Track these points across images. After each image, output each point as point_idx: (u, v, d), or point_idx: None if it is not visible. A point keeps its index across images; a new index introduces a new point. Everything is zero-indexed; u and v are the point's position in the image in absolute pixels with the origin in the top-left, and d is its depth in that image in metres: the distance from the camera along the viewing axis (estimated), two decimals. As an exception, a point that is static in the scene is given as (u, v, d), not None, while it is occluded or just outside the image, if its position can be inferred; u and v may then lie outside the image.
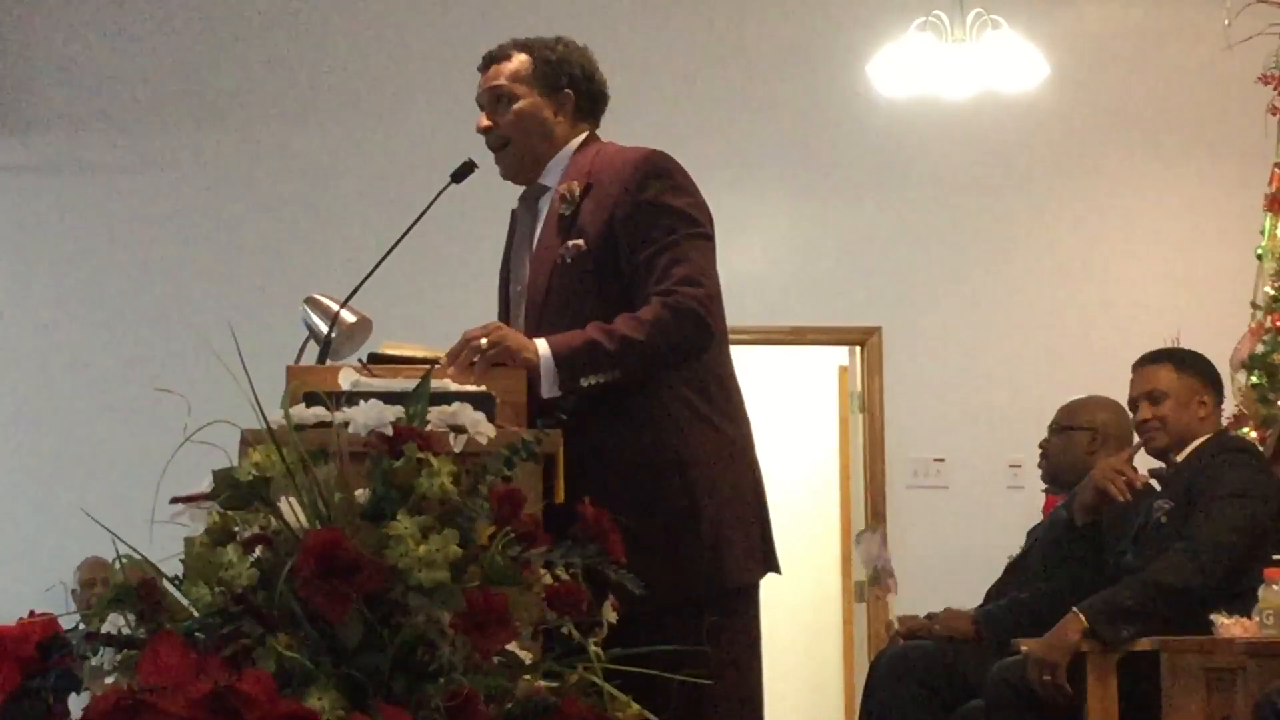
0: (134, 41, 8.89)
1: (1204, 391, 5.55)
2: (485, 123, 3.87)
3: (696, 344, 3.64)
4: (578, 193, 3.76)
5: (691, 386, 3.68)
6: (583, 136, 3.88)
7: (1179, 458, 5.51)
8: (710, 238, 3.74)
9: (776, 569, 3.79)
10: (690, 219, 3.70)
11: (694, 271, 3.63)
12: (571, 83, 3.85)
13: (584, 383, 3.52)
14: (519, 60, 3.85)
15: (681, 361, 3.65)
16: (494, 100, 3.86)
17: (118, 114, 8.87)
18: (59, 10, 8.90)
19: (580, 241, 3.72)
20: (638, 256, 3.66)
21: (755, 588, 3.76)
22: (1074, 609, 5.21)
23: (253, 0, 8.94)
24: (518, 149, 3.86)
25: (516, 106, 3.83)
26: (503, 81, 3.85)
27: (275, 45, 8.91)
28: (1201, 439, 5.50)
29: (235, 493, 2.71)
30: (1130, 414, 5.70)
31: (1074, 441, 6.00)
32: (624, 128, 4.00)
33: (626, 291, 3.66)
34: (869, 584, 7.27)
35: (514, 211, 3.97)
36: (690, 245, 3.67)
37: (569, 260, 3.72)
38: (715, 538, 3.63)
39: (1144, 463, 5.73)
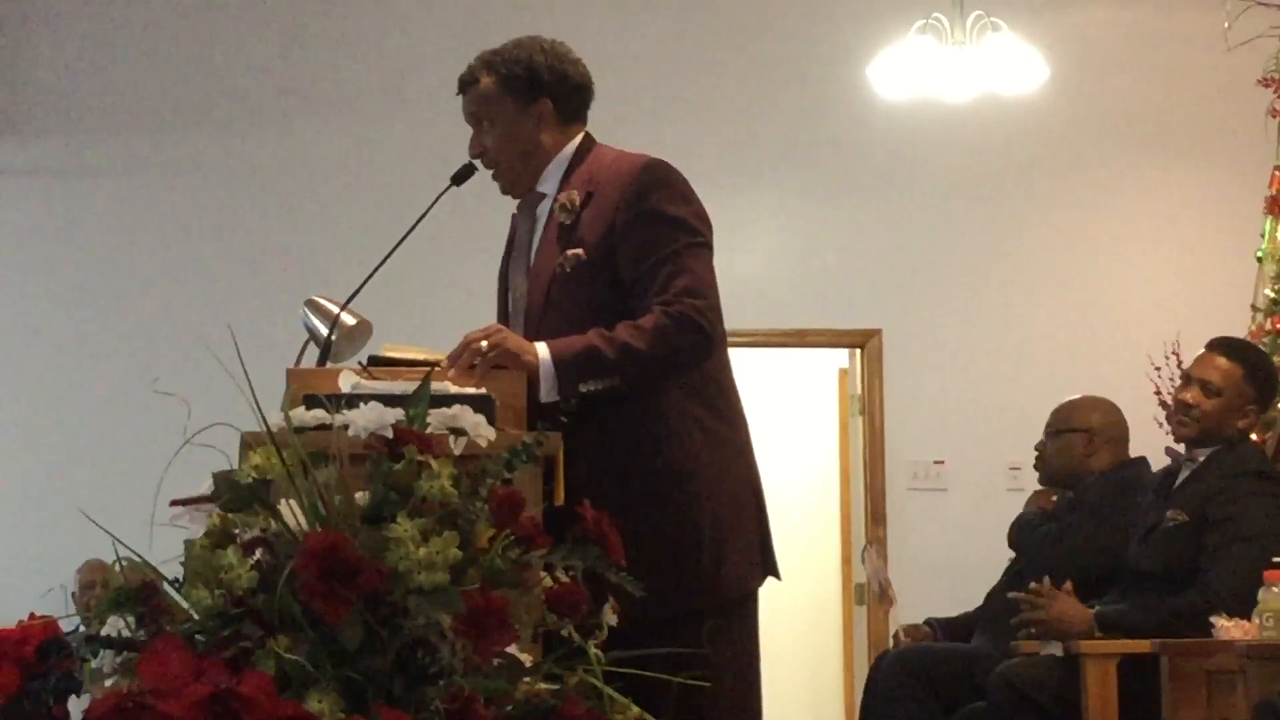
0: (133, 45, 8.89)
1: (1256, 406, 5.46)
2: (475, 149, 3.86)
3: (697, 354, 3.63)
4: (578, 202, 3.74)
5: (691, 393, 3.67)
6: (578, 140, 3.85)
7: (1198, 454, 5.46)
8: (710, 247, 3.73)
9: (776, 574, 3.78)
10: (691, 228, 3.69)
11: (695, 282, 3.62)
12: (545, 90, 3.79)
13: (583, 388, 3.51)
14: (486, 82, 3.80)
15: (681, 371, 3.64)
16: (475, 125, 3.85)
17: (116, 117, 8.87)
18: (57, 13, 8.90)
19: (580, 251, 3.70)
20: (638, 266, 3.65)
21: (755, 594, 3.75)
22: (1094, 614, 5.27)
23: (252, 3, 8.94)
24: (507, 170, 3.84)
25: (495, 131, 3.81)
26: (476, 107, 3.82)
27: (275, 48, 8.91)
28: (1224, 443, 5.46)
29: (235, 495, 2.71)
30: (1164, 398, 5.64)
31: (1069, 444, 6.01)
32: (623, 130, 4.00)
33: (626, 301, 3.65)
34: (877, 601, 7.27)
35: (514, 217, 3.97)
36: (691, 255, 3.66)
37: (568, 270, 3.71)
38: (716, 548, 3.62)
39: (1151, 445, 5.71)
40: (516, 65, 3.79)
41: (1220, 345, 5.60)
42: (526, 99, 3.79)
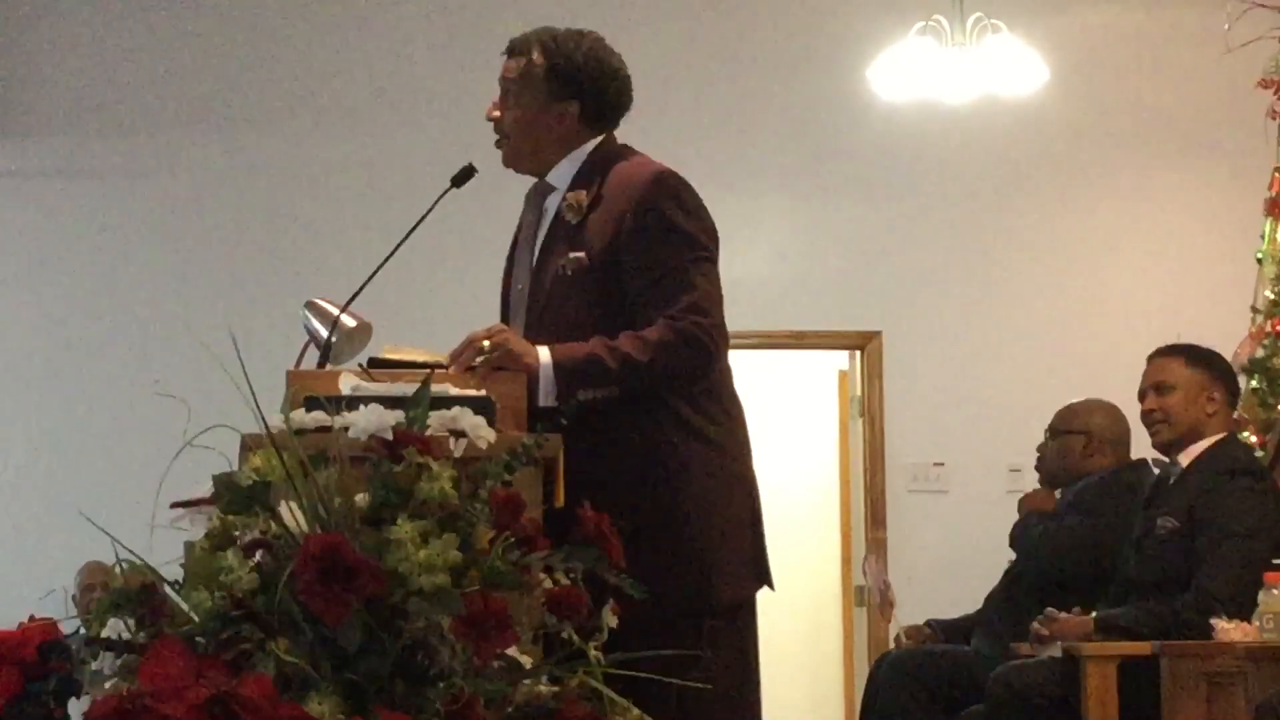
0: (134, 48, 8.89)
1: (1214, 388, 5.49)
2: (493, 113, 3.85)
3: (698, 371, 3.63)
4: (585, 204, 3.74)
5: (684, 398, 3.65)
6: (597, 140, 3.83)
7: (1184, 459, 5.46)
8: (715, 261, 3.72)
9: (769, 584, 3.76)
10: (697, 243, 3.68)
11: (701, 299, 3.62)
12: (579, 93, 3.79)
13: (581, 396, 3.51)
14: (534, 59, 3.78)
15: (681, 386, 3.63)
16: (503, 92, 3.84)
17: (118, 120, 8.87)
18: (58, 17, 8.91)
19: (583, 254, 3.69)
20: (644, 278, 3.64)
21: (747, 603, 3.73)
22: (1093, 616, 5.29)
23: (253, 6, 8.94)
24: (514, 147, 3.83)
25: (517, 110, 3.80)
26: (511, 77, 3.81)
27: (276, 50, 8.91)
28: (1208, 442, 5.45)
29: (235, 497, 2.71)
30: (1140, 406, 5.66)
31: (1068, 446, 6.01)
32: (624, 132, 3.98)
33: (624, 308, 3.65)
34: (878, 611, 7.26)
35: (525, 204, 3.95)
36: (697, 271, 3.65)
37: (569, 272, 3.70)
38: (703, 554, 3.60)
39: (1152, 450, 5.72)
40: (566, 59, 3.78)
41: (1158, 351, 5.66)
42: (559, 94, 3.79)
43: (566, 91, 3.79)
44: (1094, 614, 5.34)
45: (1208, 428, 5.46)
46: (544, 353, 3.53)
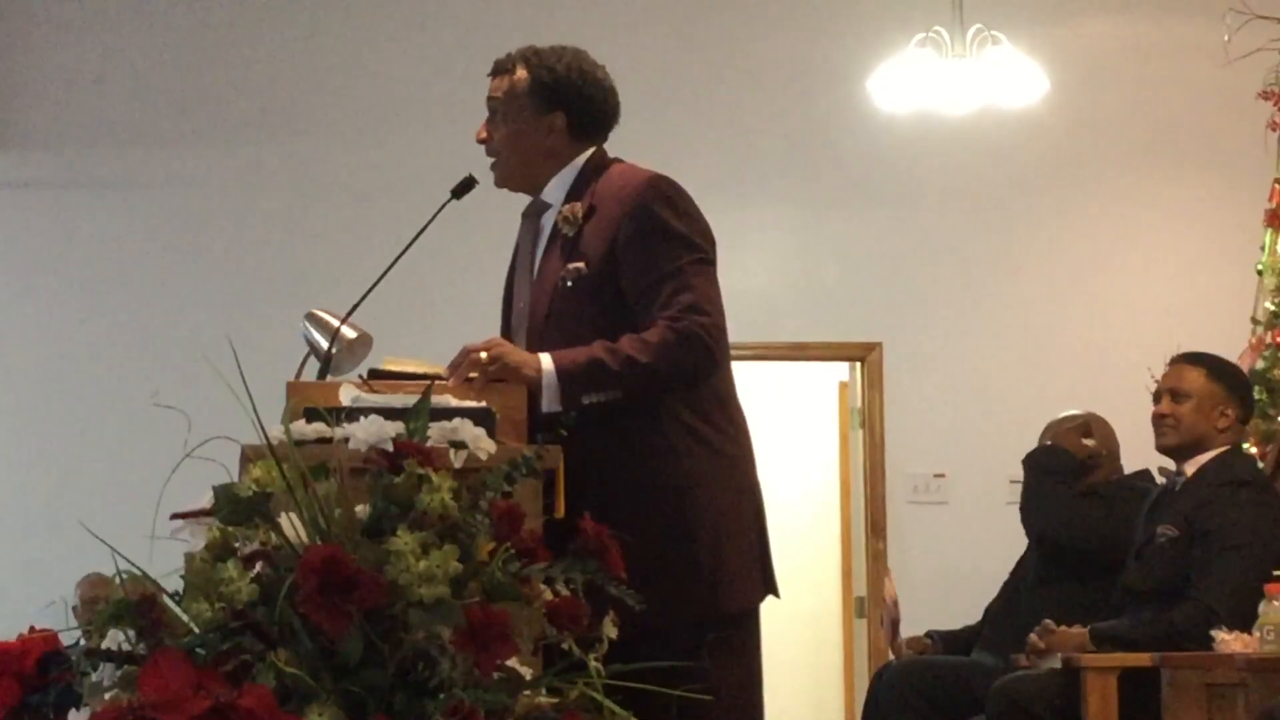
0: (130, 57, 8.89)
1: (1229, 404, 5.50)
2: (482, 134, 3.87)
3: (700, 371, 3.63)
4: (580, 215, 3.75)
5: (691, 408, 3.66)
6: (588, 154, 3.85)
7: (1189, 469, 5.47)
8: (712, 263, 3.73)
9: (775, 592, 3.77)
10: (693, 245, 3.69)
11: (699, 299, 3.62)
12: (565, 105, 3.81)
13: (585, 400, 3.52)
14: (517, 76, 3.82)
15: (683, 387, 3.64)
16: (491, 112, 3.86)
17: (115, 130, 8.86)
18: (55, 26, 8.91)
19: (581, 264, 3.70)
20: (641, 282, 3.65)
21: (755, 611, 3.74)
22: (1088, 629, 5.29)
23: (250, 16, 8.94)
24: (505, 165, 3.86)
25: (505, 127, 3.82)
26: (498, 96, 3.84)
27: (273, 60, 8.92)
28: (1214, 453, 5.46)
29: (236, 508, 2.71)
30: (1141, 410, 5.65)
31: None
32: (623, 143, 3.99)
33: (627, 315, 3.65)
34: (884, 635, 7.20)
35: (521, 225, 3.97)
36: (694, 272, 3.66)
37: (569, 283, 3.71)
38: (713, 563, 3.61)
39: (1151, 459, 5.72)
40: (550, 72, 3.81)
41: (1181, 356, 5.67)
42: (544, 107, 3.81)
43: (551, 104, 3.80)
44: (1089, 626, 5.34)
45: (1215, 441, 5.47)
46: (545, 359, 3.54)
